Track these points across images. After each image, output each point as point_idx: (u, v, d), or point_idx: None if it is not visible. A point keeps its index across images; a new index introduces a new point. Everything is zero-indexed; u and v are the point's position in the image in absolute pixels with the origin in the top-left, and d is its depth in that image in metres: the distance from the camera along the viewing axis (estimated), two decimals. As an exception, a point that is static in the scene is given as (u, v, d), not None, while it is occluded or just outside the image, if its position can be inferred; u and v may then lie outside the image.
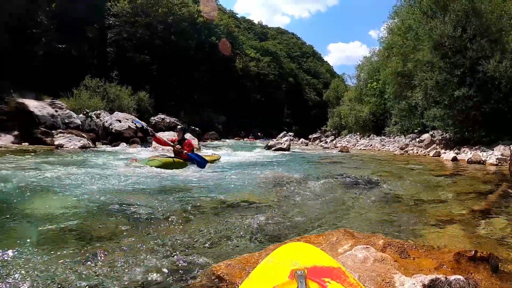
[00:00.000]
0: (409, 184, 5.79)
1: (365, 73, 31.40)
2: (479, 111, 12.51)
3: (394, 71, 20.04)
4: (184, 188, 5.26)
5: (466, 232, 3.14)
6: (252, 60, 68.87)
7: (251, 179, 6.18)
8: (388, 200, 4.42)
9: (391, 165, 9.70)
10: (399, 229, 3.24)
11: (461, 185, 5.72)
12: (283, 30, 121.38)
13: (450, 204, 4.16)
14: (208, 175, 6.66)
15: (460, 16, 13.01)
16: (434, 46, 13.41)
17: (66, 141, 12.24)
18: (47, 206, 3.69)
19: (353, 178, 6.29)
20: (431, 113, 14.10)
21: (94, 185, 4.92)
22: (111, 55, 39.57)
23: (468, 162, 9.97)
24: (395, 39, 20.56)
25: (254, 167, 8.39)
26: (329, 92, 47.01)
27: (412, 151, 16.19)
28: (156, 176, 6.04)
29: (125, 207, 3.74)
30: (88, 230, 2.96)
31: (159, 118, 27.42)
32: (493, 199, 4.36)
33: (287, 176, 6.54)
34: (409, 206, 4.15)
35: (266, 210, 3.94)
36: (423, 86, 14.27)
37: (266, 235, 3.13)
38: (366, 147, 21.83)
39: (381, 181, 5.87)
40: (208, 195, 4.77)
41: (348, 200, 4.54)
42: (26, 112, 14.24)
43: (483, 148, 12.00)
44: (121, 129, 15.69)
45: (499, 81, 11.73)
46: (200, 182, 5.83)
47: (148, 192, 4.69)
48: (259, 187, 5.55)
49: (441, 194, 4.75)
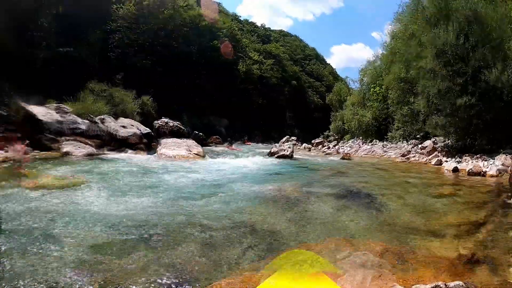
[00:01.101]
0: (404, 206, 5.85)
1: (368, 77, 31.48)
2: (481, 120, 12.61)
3: (397, 77, 20.17)
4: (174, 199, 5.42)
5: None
6: (255, 63, 68.99)
7: (250, 195, 6.31)
8: (381, 229, 4.49)
9: (391, 178, 9.76)
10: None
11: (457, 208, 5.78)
12: (286, 32, 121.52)
13: (441, 242, 4.24)
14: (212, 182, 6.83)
15: (463, 24, 13.13)
16: (437, 54, 13.52)
17: (73, 148, 12.41)
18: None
19: (351, 196, 6.40)
20: (433, 121, 14.19)
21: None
22: (114, 59, 39.74)
23: (469, 173, 10.05)
24: (398, 45, 20.70)
25: (252, 180, 8.50)
26: (332, 95, 47.01)
27: (414, 158, 16.28)
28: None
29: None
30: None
31: (162, 122, 27.52)
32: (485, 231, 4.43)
33: (285, 194, 6.64)
34: (398, 235, 4.26)
35: (262, 224, 4.10)
36: (425, 93, 14.38)
37: (264, 246, 3.30)
38: (368, 153, 21.92)
39: (378, 203, 5.95)
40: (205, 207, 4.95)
41: (342, 222, 4.69)
42: (34, 120, 14.41)
43: (485, 157, 12.07)
44: (127, 135, 15.83)
45: (500, 90, 11.83)
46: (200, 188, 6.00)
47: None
48: (257, 202, 5.68)
49: (434, 224, 4.79)
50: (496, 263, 3.42)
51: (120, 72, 37.15)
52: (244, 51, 68.43)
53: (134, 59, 40.22)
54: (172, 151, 13.74)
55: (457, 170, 10.85)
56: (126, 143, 15.62)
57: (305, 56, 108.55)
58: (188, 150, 14.02)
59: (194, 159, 13.29)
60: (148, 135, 17.50)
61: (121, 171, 8.60)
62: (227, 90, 55.46)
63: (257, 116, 62.99)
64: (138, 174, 8.29)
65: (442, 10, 14.68)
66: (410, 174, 10.59)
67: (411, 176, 10.20)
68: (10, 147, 10.92)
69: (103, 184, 6.57)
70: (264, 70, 71.52)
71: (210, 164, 12.07)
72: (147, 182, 7.20)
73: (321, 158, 18.74)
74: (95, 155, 12.82)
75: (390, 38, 24.97)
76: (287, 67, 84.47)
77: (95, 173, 8.05)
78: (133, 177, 7.57)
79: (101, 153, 13.78)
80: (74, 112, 18.31)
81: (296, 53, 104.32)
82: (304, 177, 9.55)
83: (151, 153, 14.89)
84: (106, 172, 8.19)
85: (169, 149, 13.94)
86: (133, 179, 7.38)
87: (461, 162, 12.09)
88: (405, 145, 20.31)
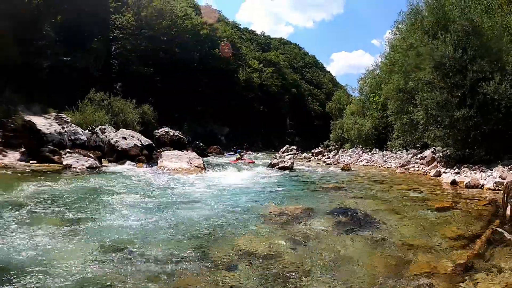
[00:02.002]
0: (401, 224, 5.92)
1: (367, 86, 31.61)
2: (479, 131, 12.68)
3: (396, 87, 20.27)
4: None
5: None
6: (255, 71, 69.33)
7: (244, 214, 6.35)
8: (376, 251, 4.56)
9: (389, 192, 9.78)
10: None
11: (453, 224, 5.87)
12: (286, 40, 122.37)
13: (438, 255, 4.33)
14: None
15: (461, 36, 13.24)
16: (435, 66, 13.61)
17: (74, 161, 12.47)
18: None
19: (347, 214, 6.43)
20: (432, 133, 14.26)
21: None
22: (115, 68, 39.96)
23: (467, 186, 10.11)
24: (396, 56, 20.83)
25: (250, 195, 8.58)
26: (332, 103, 47.14)
27: (413, 168, 16.36)
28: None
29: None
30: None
31: (163, 131, 27.64)
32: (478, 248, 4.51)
33: (279, 211, 6.70)
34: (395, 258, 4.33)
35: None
36: (424, 105, 14.46)
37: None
38: (368, 163, 21.99)
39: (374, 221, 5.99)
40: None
41: (339, 245, 4.76)
42: (34, 131, 14.51)
43: (483, 168, 12.11)
44: (127, 147, 15.89)
45: (498, 102, 11.90)
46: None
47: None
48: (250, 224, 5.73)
49: (433, 241, 4.90)
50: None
51: (120, 81, 37.46)
52: (244, 59, 68.78)
53: (135, 67, 40.43)
54: (173, 163, 13.80)
55: (455, 183, 10.91)
56: (126, 154, 15.66)
57: (304, 64, 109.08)
58: (189, 163, 14.08)
59: (195, 172, 13.37)
60: (149, 147, 17.56)
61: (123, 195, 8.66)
62: (227, 98, 55.77)
63: (257, 124, 63.26)
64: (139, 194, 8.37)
65: (440, 20, 14.82)
66: (409, 187, 10.65)
67: (410, 188, 10.30)
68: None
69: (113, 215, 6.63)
70: (264, 78, 71.87)
71: (210, 179, 12.06)
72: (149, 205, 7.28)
73: (321, 168, 18.78)
74: (96, 168, 12.88)
75: (389, 47, 25.13)
76: (287, 75, 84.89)
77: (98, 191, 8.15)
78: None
79: (101, 165, 13.82)
80: (74, 121, 18.41)
81: (295, 61, 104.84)
82: (305, 194, 9.54)
83: (152, 165, 14.94)
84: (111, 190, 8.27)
85: (171, 161, 14.00)
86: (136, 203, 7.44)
87: (460, 174, 12.15)
88: (404, 155, 20.38)
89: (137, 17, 42.49)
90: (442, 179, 12.24)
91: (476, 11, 13.91)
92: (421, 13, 18.48)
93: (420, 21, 17.50)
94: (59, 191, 7.57)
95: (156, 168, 13.78)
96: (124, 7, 42.13)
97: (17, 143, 14.22)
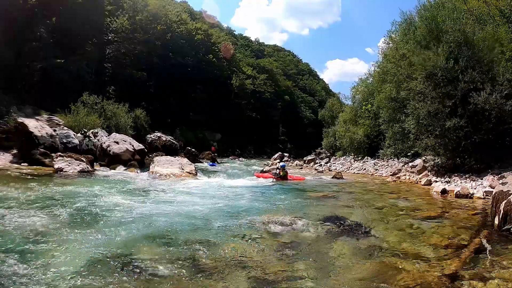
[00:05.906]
0: (390, 232, 5.97)
1: (360, 95, 31.81)
2: (470, 141, 12.81)
3: (388, 96, 20.42)
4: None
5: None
6: (248, 78, 69.43)
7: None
8: (365, 259, 4.58)
9: (380, 201, 9.81)
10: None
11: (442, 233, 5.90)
12: (280, 47, 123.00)
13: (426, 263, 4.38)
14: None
15: (453, 47, 13.41)
16: (427, 76, 13.76)
17: (66, 165, 12.37)
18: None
19: (337, 223, 6.43)
20: (423, 143, 14.38)
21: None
22: (108, 71, 39.80)
23: (457, 195, 10.20)
24: (389, 66, 20.99)
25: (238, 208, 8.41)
26: (324, 111, 47.30)
27: (405, 177, 16.47)
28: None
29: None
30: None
31: (155, 136, 27.56)
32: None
33: (270, 219, 6.64)
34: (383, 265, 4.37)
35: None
36: (415, 114, 14.59)
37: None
38: (360, 171, 22.08)
39: (364, 229, 6.03)
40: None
41: (328, 253, 4.80)
42: (26, 133, 14.40)
43: (473, 177, 12.24)
44: (119, 152, 15.81)
45: (489, 112, 12.04)
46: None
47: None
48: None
49: (421, 249, 4.95)
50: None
51: (114, 85, 37.30)
52: (237, 65, 68.93)
53: (129, 71, 40.30)
54: (165, 169, 13.77)
55: (446, 192, 10.98)
56: (118, 159, 15.59)
57: (298, 71, 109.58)
58: (181, 169, 14.06)
59: (187, 178, 13.35)
60: (141, 152, 17.49)
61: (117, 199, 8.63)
62: (220, 104, 55.77)
63: (250, 131, 63.17)
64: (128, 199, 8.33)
65: (432, 31, 15.00)
66: (399, 196, 10.71)
67: (400, 198, 10.34)
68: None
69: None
70: (257, 85, 71.99)
71: (202, 185, 12.03)
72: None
73: (313, 176, 18.76)
74: (88, 172, 12.79)
75: (382, 56, 25.32)
76: (280, 81, 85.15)
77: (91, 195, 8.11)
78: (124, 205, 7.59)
79: (93, 170, 13.73)
80: (66, 124, 18.30)
81: (289, 68, 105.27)
82: (296, 202, 9.50)
83: (144, 170, 14.87)
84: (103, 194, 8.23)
85: (163, 167, 13.97)
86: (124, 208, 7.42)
87: (450, 183, 12.25)
88: (396, 163, 20.47)
89: (132, 21, 42.50)
90: (432, 187, 12.33)
91: (468, 22, 14.15)
92: (414, 24, 18.73)
93: (412, 31, 17.71)
94: (49, 195, 7.54)
95: (148, 174, 13.74)
96: (119, 11, 42.15)
97: (9, 145, 14.12)
